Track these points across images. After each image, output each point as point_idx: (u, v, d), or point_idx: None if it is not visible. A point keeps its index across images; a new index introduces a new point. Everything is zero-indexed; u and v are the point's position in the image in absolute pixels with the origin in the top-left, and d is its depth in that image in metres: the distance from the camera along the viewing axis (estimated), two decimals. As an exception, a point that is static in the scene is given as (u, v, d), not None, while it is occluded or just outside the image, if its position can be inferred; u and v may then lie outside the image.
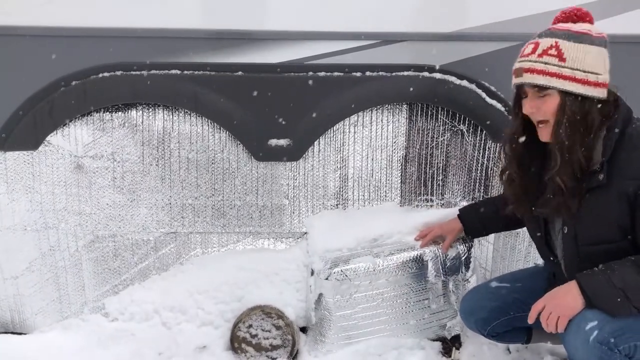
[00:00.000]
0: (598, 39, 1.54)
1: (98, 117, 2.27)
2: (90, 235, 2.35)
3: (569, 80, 1.52)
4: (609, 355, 1.50)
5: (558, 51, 1.52)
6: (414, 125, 2.37)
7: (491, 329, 1.94)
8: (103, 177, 2.32)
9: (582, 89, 1.52)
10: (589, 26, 1.58)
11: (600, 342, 1.49)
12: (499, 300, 1.91)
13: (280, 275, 2.33)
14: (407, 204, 2.44)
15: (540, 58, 1.54)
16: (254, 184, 2.37)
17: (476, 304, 1.96)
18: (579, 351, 1.55)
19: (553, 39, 1.55)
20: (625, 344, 1.50)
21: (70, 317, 2.36)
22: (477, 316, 1.95)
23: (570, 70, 1.52)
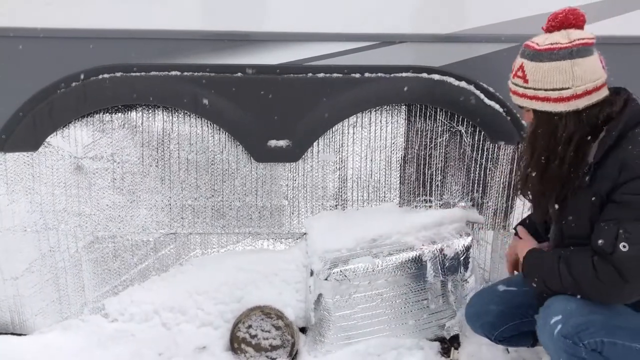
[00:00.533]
0: (561, 53, 1.52)
1: (98, 119, 2.27)
2: (90, 236, 2.35)
3: (534, 99, 1.59)
4: (574, 349, 1.53)
5: (523, 72, 1.59)
6: (413, 126, 2.38)
7: (499, 334, 1.93)
8: (103, 178, 2.32)
9: (546, 106, 1.57)
10: (560, 36, 1.55)
11: (564, 336, 1.53)
12: (506, 305, 1.90)
13: (280, 276, 2.34)
14: (406, 205, 2.45)
15: (514, 79, 1.64)
16: (254, 184, 2.38)
17: (482, 308, 1.95)
18: (548, 345, 1.60)
19: (521, 60, 1.61)
20: (591, 338, 1.52)
21: (70, 317, 2.37)
22: (484, 320, 1.94)
23: (533, 90, 1.58)
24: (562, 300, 1.61)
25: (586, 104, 1.55)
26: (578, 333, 1.52)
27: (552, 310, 1.59)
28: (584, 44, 1.53)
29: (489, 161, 2.39)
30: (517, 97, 1.64)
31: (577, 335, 1.52)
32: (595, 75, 1.54)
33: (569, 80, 1.52)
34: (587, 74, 1.53)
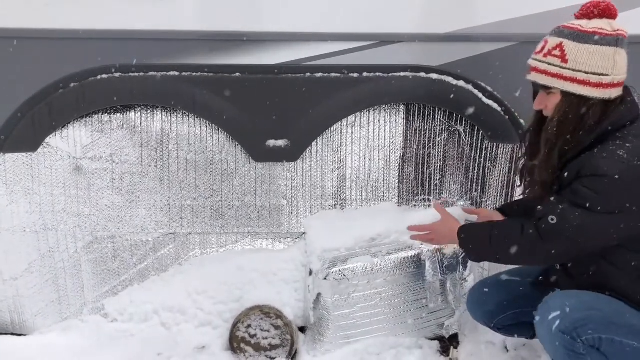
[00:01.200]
0: (608, 39, 1.53)
1: (97, 119, 2.28)
2: (89, 237, 2.36)
3: (570, 81, 1.55)
4: (571, 344, 1.54)
5: (562, 52, 1.54)
6: (411, 125, 2.38)
7: (498, 322, 1.95)
8: (102, 178, 2.32)
9: (583, 90, 1.55)
10: (604, 23, 1.56)
11: (562, 332, 1.54)
12: (508, 294, 1.92)
13: (279, 276, 2.34)
14: (405, 204, 2.45)
15: (545, 58, 1.58)
16: (252, 184, 2.38)
17: (484, 295, 1.96)
18: (546, 340, 1.60)
19: (559, 39, 1.58)
20: (589, 335, 1.52)
21: (69, 318, 2.37)
22: (485, 308, 1.95)
23: (571, 71, 1.55)
24: (561, 296, 1.62)
25: (616, 95, 1.56)
26: (576, 329, 1.52)
27: (550, 306, 1.60)
28: (624, 35, 1.56)
29: (487, 160, 2.39)
30: (546, 76, 1.57)
31: (575, 331, 1.53)
32: (625, 68, 1.57)
33: (610, 67, 1.53)
34: (623, 66, 1.56)
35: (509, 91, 2.26)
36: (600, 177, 1.50)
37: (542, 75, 1.59)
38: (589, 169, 1.53)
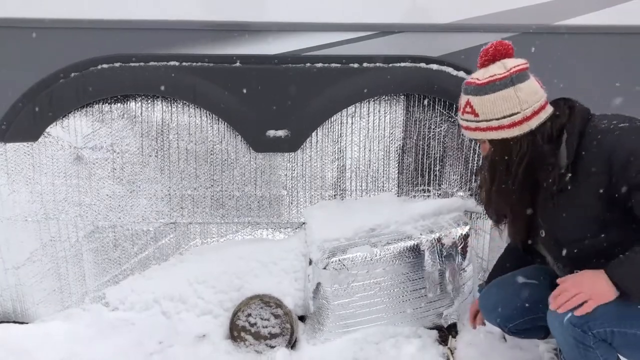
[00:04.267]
0: (503, 82, 1.59)
1: (97, 109, 2.28)
2: (90, 226, 2.37)
3: (488, 130, 1.63)
4: (582, 337, 1.54)
5: (471, 108, 1.64)
6: (411, 116, 2.38)
7: (513, 326, 1.92)
8: (103, 168, 2.33)
9: (502, 134, 1.62)
10: (497, 67, 1.62)
11: (573, 324, 1.54)
12: (526, 299, 1.87)
13: (279, 265, 2.36)
14: (405, 195, 2.46)
15: (464, 116, 1.68)
16: (253, 174, 2.38)
17: (501, 300, 1.91)
18: (557, 332, 1.60)
19: (466, 97, 1.66)
20: (600, 328, 1.53)
21: (71, 306, 2.39)
22: (501, 312, 1.91)
23: (485, 122, 1.62)
24: None
25: (537, 124, 1.61)
26: (587, 322, 1.52)
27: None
28: (520, 69, 1.61)
29: (487, 151, 2.39)
30: (470, 132, 1.68)
31: (586, 324, 1.53)
32: (538, 95, 1.61)
33: (516, 105, 1.59)
34: (531, 96, 1.60)
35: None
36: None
37: (467, 131, 1.70)
38: (620, 159, 1.50)
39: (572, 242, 1.64)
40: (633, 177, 1.49)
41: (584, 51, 2.31)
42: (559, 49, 2.29)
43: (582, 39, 2.30)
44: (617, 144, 1.52)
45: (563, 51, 2.30)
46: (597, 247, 1.60)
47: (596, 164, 1.54)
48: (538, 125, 1.60)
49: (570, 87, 2.03)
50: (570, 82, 2.24)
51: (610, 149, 1.52)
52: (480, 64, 1.67)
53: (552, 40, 2.28)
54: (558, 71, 2.24)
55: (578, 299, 1.52)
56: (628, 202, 1.52)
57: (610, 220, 1.57)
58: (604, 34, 2.31)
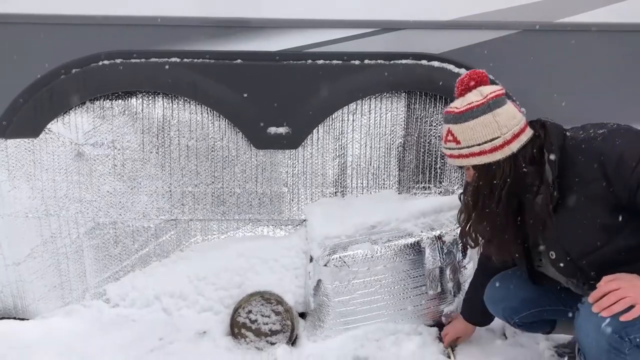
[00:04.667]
0: (480, 109, 1.61)
1: (98, 105, 2.28)
2: (91, 222, 2.37)
3: (470, 157, 1.64)
4: (619, 343, 1.50)
5: (452, 136, 1.66)
6: (413, 113, 2.38)
7: (519, 319, 1.93)
8: (103, 164, 2.33)
9: (484, 159, 1.63)
10: (474, 95, 1.64)
11: (612, 330, 1.49)
12: (533, 292, 1.88)
13: (280, 262, 2.35)
14: (405, 192, 2.46)
15: (447, 144, 1.69)
16: (253, 171, 2.38)
17: (508, 292, 1.91)
18: (590, 337, 1.55)
19: (447, 125, 1.68)
20: (638, 333, 1.49)
21: (71, 303, 2.39)
22: (507, 305, 1.92)
23: (467, 149, 1.64)
24: None
25: (519, 146, 1.62)
26: (625, 328, 1.48)
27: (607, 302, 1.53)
28: (496, 95, 1.62)
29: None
30: (454, 159, 1.69)
31: (624, 330, 1.49)
32: (516, 119, 1.62)
33: (495, 130, 1.60)
34: (509, 120, 1.61)
35: (510, 79, 2.26)
36: (622, 149, 1.51)
37: (451, 159, 1.71)
38: (611, 162, 1.51)
39: (585, 255, 1.62)
40: (629, 178, 1.49)
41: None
42: (562, 46, 2.29)
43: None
44: (605, 149, 1.54)
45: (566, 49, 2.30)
46: (611, 256, 1.58)
47: (588, 173, 1.55)
48: (519, 147, 1.62)
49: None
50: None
51: (599, 155, 1.54)
52: (458, 94, 1.69)
53: (555, 37, 2.28)
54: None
55: (624, 304, 1.46)
56: (630, 204, 1.52)
57: (617, 225, 1.57)
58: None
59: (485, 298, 1.99)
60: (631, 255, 1.56)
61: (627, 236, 1.57)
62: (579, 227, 1.61)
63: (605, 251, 1.59)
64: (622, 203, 1.53)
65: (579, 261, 1.64)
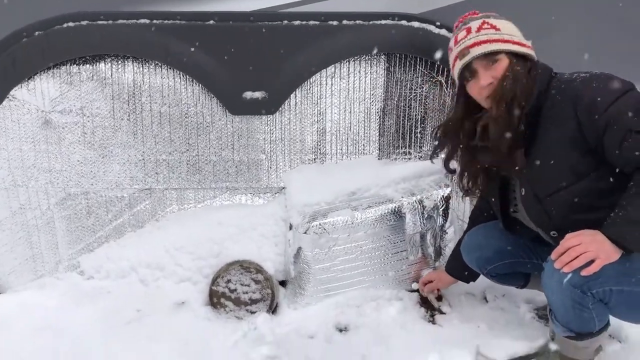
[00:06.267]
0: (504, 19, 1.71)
1: (65, 70, 2.18)
2: (61, 193, 2.29)
3: (510, 43, 1.64)
4: (581, 298, 1.53)
5: (491, 25, 1.66)
6: (392, 76, 2.32)
7: (492, 269, 1.96)
8: (72, 132, 2.24)
9: (521, 49, 1.65)
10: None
11: (573, 285, 1.52)
12: (509, 243, 1.91)
13: (258, 230, 2.31)
14: (385, 157, 2.42)
15: (479, 32, 1.66)
16: (230, 138, 2.32)
17: (484, 241, 1.95)
18: (555, 294, 1.58)
19: (479, 19, 1.69)
20: (599, 287, 1.52)
21: (44, 275, 2.33)
22: (481, 254, 1.95)
23: (508, 35, 1.66)
24: None
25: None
26: (588, 282, 1.50)
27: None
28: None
29: (469, 112, 2.35)
30: (490, 43, 1.64)
31: (586, 284, 1.51)
32: None
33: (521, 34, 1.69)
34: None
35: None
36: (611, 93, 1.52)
37: (487, 44, 1.65)
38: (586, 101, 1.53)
39: (550, 194, 1.63)
40: (597, 119, 1.50)
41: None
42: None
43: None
44: (580, 90, 1.56)
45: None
46: (575, 198, 1.59)
47: (563, 113, 1.57)
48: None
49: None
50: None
51: (574, 96, 1.56)
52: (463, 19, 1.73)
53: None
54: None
55: (584, 258, 1.45)
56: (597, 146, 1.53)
57: (584, 168, 1.58)
58: None
59: (461, 247, 2.02)
60: (595, 200, 1.57)
61: (593, 180, 1.58)
62: (547, 166, 1.62)
63: (569, 192, 1.60)
64: (590, 146, 1.55)
65: (545, 200, 1.65)
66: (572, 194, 1.60)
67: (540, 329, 2.05)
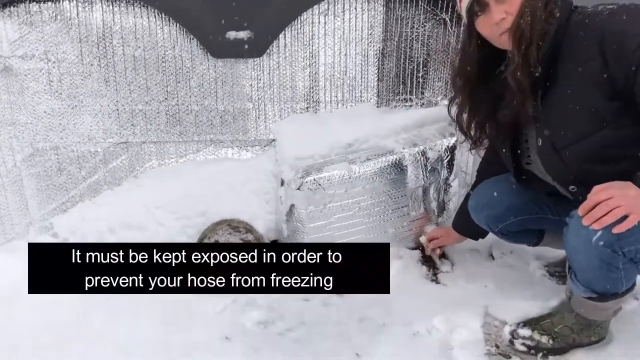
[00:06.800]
0: None
1: (23, 9, 1.95)
2: (28, 148, 2.09)
3: None
4: (611, 257, 1.39)
5: None
6: (392, 14, 2.13)
7: (504, 227, 1.83)
8: (37, 80, 2.03)
9: None
10: None
11: (604, 244, 1.37)
12: (520, 198, 1.77)
13: (247, 187, 2.18)
14: (385, 105, 2.25)
15: None
16: (212, 85, 2.13)
17: (494, 198, 1.81)
18: (580, 253, 1.44)
19: None
20: (632, 246, 1.37)
21: (15, 239, 2.16)
22: (491, 212, 1.82)
23: None
24: None
25: None
26: (619, 240, 1.35)
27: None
28: None
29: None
30: None
31: (617, 243, 1.36)
32: None
33: None
34: None
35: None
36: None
37: None
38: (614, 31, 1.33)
39: (570, 143, 1.46)
40: (628, 57, 1.31)
41: None
42: None
43: None
44: (607, 24, 1.35)
45: None
46: (597, 149, 1.42)
47: (586, 51, 1.37)
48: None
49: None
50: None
51: (600, 31, 1.35)
52: None
53: None
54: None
55: (617, 214, 1.29)
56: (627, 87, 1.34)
57: (608, 114, 1.39)
58: None
59: (469, 204, 1.88)
60: (620, 150, 1.41)
61: (617, 128, 1.40)
62: (566, 112, 1.44)
63: (590, 142, 1.42)
64: (617, 88, 1.35)
65: (563, 151, 1.48)
66: (594, 143, 1.42)
67: (552, 287, 1.94)
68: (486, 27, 1.49)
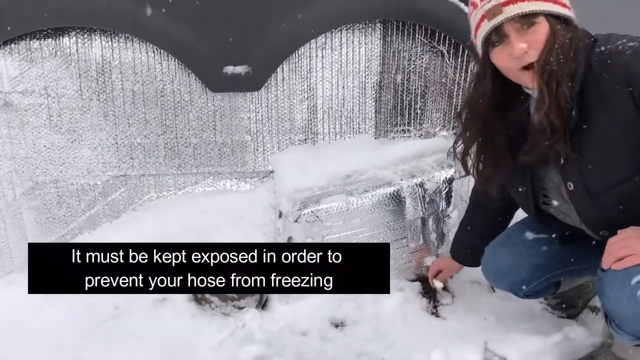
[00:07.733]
0: None
1: (24, 46, 1.97)
2: (28, 182, 2.11)
3: (552, 2, 1.36)
4: None
5: None
6: (389, 46, 2.14)
7: (529, 289, 1.76)
8: (37, 115, 2.05)
9: (563, 10, 1.37)
10: None
11: None
12: (541, 258, 1.70)
13: (245, 219, 2.18)
14: (383, 136, 2.27)
15: None
16: (211, 118, 2.15)
17: (514, 262, 1.72)
18: (623, 307, 1.38)
19: None
20: None
21: (14, 271, 2.17)
22: (515, 277, 1.73)
23: None
24: None
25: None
26: None
27: (631, 271, 1.36)
28: None
29: (473, 85, 2.17)
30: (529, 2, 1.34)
31: None
32: None
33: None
34: None
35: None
36: None
37: (524, 2, 1.34)
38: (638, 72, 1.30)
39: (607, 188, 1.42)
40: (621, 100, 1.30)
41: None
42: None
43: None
44: (633, 65, 1.30)
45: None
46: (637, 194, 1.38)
47: (613, 92, 1.33)
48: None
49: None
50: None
51: (626, 72, 1.31)
52: None
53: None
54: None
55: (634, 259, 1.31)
56: None
57: None
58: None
59: (486, 271, 1.81)
60: None
61: None
62: (602, 155, 1.39)
63: (628, 185, 1.38)
64: None
65: (600, 195, 1.43)
66: (633, 186, 1.38)
67: (552, 321, 1.92)
68: (504, 59, 1.40)
